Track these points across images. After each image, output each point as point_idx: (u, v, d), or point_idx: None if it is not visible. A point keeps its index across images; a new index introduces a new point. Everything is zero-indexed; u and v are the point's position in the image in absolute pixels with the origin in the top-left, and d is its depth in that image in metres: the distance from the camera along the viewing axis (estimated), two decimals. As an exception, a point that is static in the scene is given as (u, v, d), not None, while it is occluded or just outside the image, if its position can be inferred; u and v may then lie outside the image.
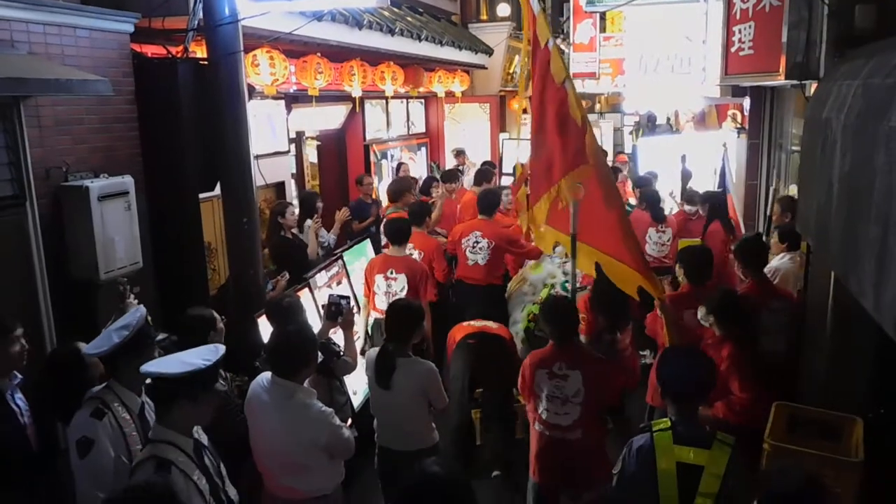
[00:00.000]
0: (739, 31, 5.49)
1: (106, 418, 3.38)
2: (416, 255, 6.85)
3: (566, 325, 4.27)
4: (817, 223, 3.31)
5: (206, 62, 5.46)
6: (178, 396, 2.99)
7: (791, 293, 5.46)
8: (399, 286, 6.27)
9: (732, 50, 5.61)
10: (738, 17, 5.51)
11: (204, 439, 3.25)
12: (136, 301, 4.66)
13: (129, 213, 5.00)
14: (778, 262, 6.03)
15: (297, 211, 7.09)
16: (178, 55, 5.67)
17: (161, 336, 4.20)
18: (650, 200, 8.30)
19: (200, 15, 5.37)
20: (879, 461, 4.18)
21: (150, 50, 5.81)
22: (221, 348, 3.15)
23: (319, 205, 7.80)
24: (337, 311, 4.67)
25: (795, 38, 4.80)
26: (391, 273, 6.31)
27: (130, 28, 5.27)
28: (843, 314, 4.81)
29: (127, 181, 4.99)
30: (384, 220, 7.73)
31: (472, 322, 5.78)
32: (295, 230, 7.01)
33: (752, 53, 5.41)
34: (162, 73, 5.48)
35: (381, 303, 6.22)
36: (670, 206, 9.41)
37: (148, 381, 3.10)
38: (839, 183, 2.82)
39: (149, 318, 3.69)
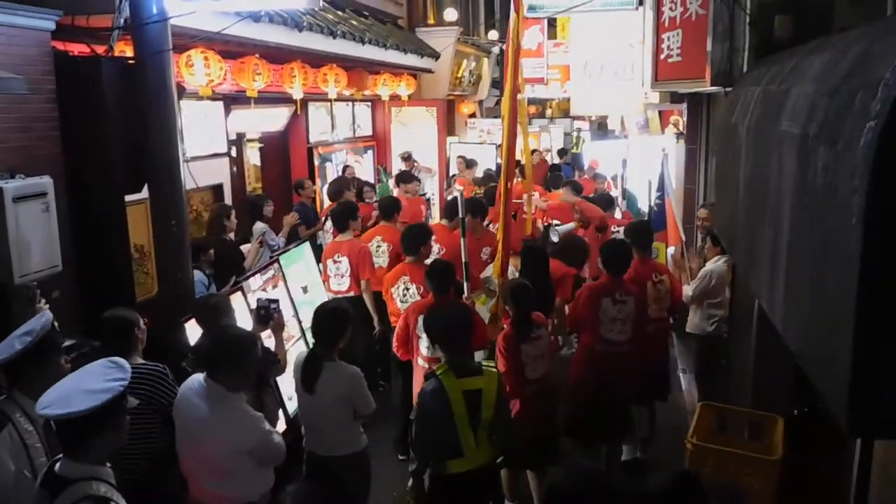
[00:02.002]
0: (668, 38, 5.55)
1: (6, 431, 3.25)
2: (384, 247, 7.33)
3: (445, 280, 5.21)
4: (728, 226, 3.34)
5: (132, 61, 5.34)
6: (92, 431, 2.76)
7: (667, 268, 6.28)
8: (343, 268, 6.94)
9: (662, 56, 5.67)
10: (666, 24, 5.57)
11: None
12: (46, 306, 4.53)
13: (47, 215, 4.82)
14: (712, 265, 6.13)
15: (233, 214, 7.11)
16: (104, 54, 5.54)
17: (68, 342, 4.07)
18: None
19: (127, 13, 5.26)
20: (802, 455, 4.25)
21: (76, 48, 5.67)
22: (125, 362, 2.98)
23: (269, 208, 7.77)
24: (267, 316, 4.64)
25: (719, 45, 4.88)
26: (337, 257, 6.99)
27: (51, 25, 5.11)
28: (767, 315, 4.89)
29: (45, 182, 4.82)
30: (327, 217, 8.08)
31: None
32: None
33: (681, 60, 5.47)
34: (85, 72, 5.32)
35: (335, 285, 6.99)
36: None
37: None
38: (743, 186, 2.84)
39: (55, 323, 3.58)
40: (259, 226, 7.61)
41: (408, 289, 6.18)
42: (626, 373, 5.38)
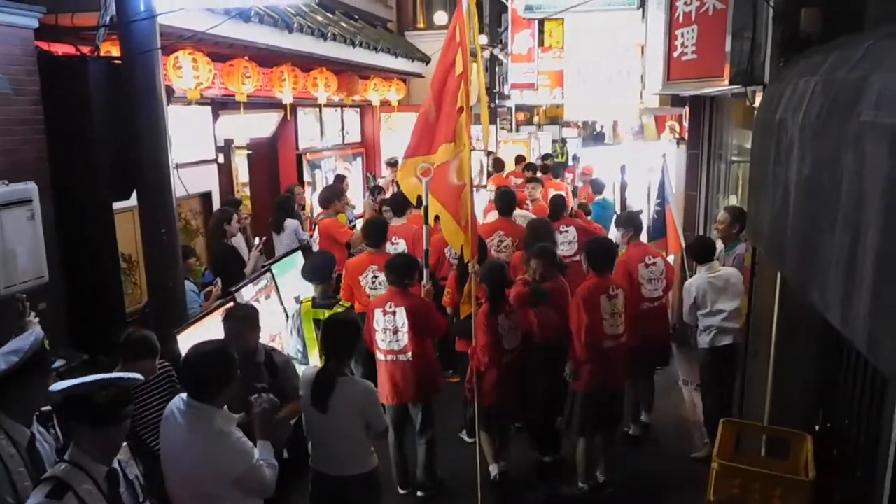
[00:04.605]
0: (682, 35, 5.32)
1: None
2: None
3: (404, 274, 5.50)
4: (771, 231, 3.11)
5: (119, 61, 5.08)
6: (74, 419, 2.79)
7: (658, 252, 6.81)
8: (401, 249, 7.30)
9: (675, 54, 5.44)
10: (680, 20, 5.33)
11: (132, 471, 2.99)
12: (36, 319, 4.25)
13: (32, 223, 4.57)
14: (693, 279, 6.20)
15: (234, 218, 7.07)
16: (90, 54, 5.28)
17: (59, 363, 3.81)
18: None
19: (113, 10, 5.01)
20: (826, 474, 4.04)
21: (61, 49, 5.41)
22: (133, 377, 2.90)
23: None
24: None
25: (739, 42, 4.66)
26: (394, 239, 7.37)
27: (34, 23, 4.86)
28: (788, 326, 4.70)
29: (30, 188, 4.57)
30: (317, 225, 8.04)
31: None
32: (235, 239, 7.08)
33: (696, 58, 5.24)
34: (71, 73, 5.08)
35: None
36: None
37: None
38: (797, 187, 2.61)
39: (46, 342, 3.31)
40: (290, 222, 8.08)
41: (376, 277, 6.53)
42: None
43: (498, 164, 13.62)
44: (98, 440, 2.81)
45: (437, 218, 5.80)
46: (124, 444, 3.01)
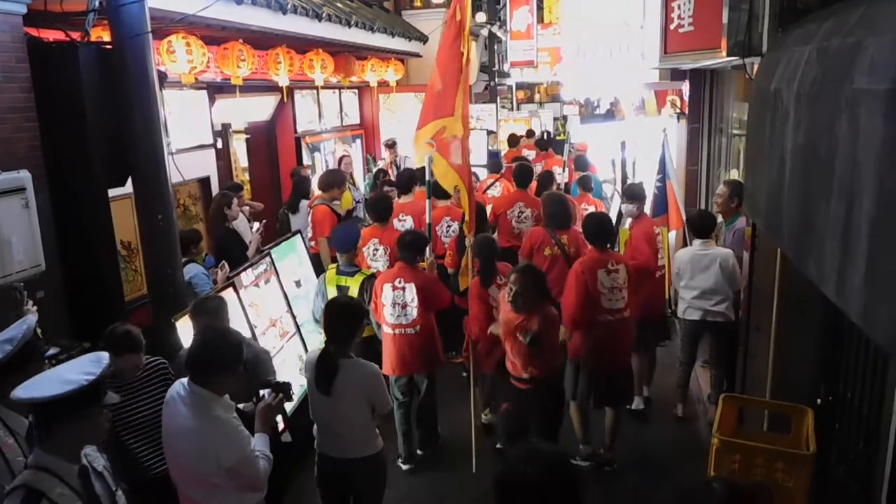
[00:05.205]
0: (679, 7, 5.24)
1: None
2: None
3: (413, 250, 5.74)
4: (768, 204, 3.07)
5: (110, 46, 5.03)
6: (58, 419, 2.63)
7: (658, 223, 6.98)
8: (409, 225, 7.68)
9: (672, 27, 5.37)
10: (677, -10, 5.27)
11: (99, 463, 2.90)
12: (34, 308, 4.24)
13: (26, 212, 4.53)
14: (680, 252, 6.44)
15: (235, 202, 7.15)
16: (80, 39, 5.21)
17: (53, 350, 3.79)
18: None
19: (102, -6, 4.96)
20: (827, 449, 4.02)
21: (51, 35, 5.35)
22: (105, 357, 2.78)
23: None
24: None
25: (737, 13, 4.59)
26: (402, 216, 7.81)
27: (23, 9, 4.78)
28: (789, 299, 4.67)
29: (23, 176, 4.52)
30: (312, 209, 7.99)
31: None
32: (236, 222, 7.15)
33: (693, 30, 5.16)
34: (61, 59, 4.99)
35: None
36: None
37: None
38: (792, 158, 2.57)
39: (38, 329, 3.30)
40: (305, 202, 8.38)
41: (377, 249, 6.95)
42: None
43: (512, 140, 13.76)
44: (81, 429, 2.71)
45: (456, 188, 6.10)
46: None
